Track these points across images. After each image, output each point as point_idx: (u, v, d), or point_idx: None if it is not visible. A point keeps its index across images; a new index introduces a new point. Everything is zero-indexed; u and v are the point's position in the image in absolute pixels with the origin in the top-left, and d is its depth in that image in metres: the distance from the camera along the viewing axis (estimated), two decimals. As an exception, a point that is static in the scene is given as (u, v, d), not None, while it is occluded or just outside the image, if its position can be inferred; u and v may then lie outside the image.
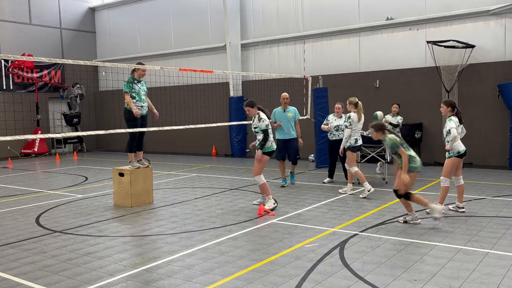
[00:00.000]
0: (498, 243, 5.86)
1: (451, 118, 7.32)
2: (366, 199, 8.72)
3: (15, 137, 7.06)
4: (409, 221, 6.93)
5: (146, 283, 4.84)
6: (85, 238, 6.61)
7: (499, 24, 12.74)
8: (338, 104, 10.57)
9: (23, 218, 7.93)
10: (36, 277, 5.09)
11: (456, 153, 7.34)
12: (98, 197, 9.77)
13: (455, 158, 7.36)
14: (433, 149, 13.38)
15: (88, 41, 22.04)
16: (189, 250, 5.88)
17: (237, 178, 11.96)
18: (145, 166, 8.99)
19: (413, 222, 6.90)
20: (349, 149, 9.37)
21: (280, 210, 8.03)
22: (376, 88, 14.56)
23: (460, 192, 7.64)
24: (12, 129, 16.92)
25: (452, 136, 7.17)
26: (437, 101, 13.31)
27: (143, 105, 8.64)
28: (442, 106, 7.49)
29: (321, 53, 15.78)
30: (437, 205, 6.94)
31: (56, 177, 12.93)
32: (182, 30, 19.17)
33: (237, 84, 17.41)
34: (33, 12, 19.95)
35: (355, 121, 9.34)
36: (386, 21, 14.35)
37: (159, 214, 8.03)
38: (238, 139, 17.19)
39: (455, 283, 4.62)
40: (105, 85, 21.39)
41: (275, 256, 5.56)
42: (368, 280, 4.73)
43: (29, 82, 19.54)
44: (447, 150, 7.37)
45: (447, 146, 7.31)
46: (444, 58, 13.06)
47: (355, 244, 5.94)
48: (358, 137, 9.46)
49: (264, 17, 17.02)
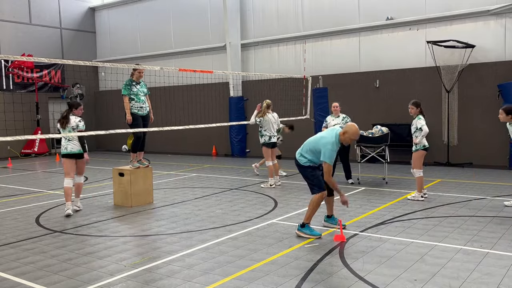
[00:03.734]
0: (498, 243, 5.86)
1: (420, 117, 8.44)
2: (366, 199, 8.72)
3: (15, 137, 7.07)
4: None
5: (146, 283, 4.84)
6: (85, 238, 6.61)
7: (499, 24, 12.74)
8: (336, 102, 10.60)
9: (23, 218, 7.93)
10: (36, 277, 5.09)
11: (422, 147, 8.44)
12: (98, 197, 9.77)
13: (422, 150, 8.45)
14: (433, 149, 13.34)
15: (88, 41, 22.04)
16: (189, 250, 5.88)
17: (237, 178, 11.96)
18: (145, 166, 9.00)
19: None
20: (264, 146, 10.39)
21: (280, 210, 8.03)
22: (376, 88, 14.56)
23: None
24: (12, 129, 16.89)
25: (425, 132, 8.27)
26: (437, 101, 13.37)
27: (143, 106, 8.64)
28: (411, 108, 8.54)
29: (321, 53, 15.78)
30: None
31: (56, 177, 12.93)
32: (182, 30, 19.17)
33: (237, 84, 17.41)
34: (33, 12, 19.95)
35: (266, 120, 10.41)
36: (386, 21, 14.36)
37: (159, 214, 8.03)
38: (238, 139, 17.20)
39: (455, 283, 4.62)
40: (105, 85, 21.39)
41: (275, 256, 5.56)
42: (368, 280, 4.73)
43: (29, 82, 19.55)
44: (415, 144, 8.44)
45: (416, 140, 8.38)
46: (444, 58, 13.06)
47: (355, 244, 5.94)
48: (272, 134, 10.43)
49: (264, 17, 17.02)
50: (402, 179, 10.91)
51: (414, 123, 8.49)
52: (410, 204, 8.23)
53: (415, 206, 8.06)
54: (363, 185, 10.26)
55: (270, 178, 10.38)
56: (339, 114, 10.52)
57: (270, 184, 10.32)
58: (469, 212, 7.52)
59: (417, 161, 8.47)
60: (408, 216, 7.35)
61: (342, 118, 10.44)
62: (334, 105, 10.56)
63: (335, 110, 10.54)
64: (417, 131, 8.39)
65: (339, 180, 10.80)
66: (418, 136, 8.36)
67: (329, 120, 10.55)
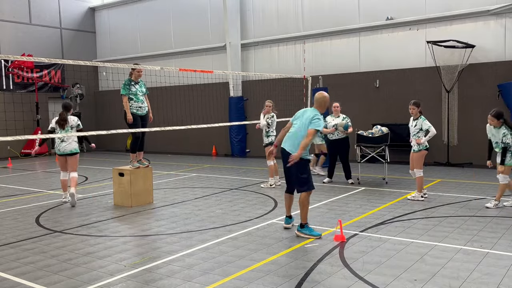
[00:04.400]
0: (498, 243, 5.86)
1: (424, 118, 8.43)
2: (366, 199, 8.72)
3: (15, 137, 7.07)
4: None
5: (146, 283, 4.84)
6: (85, 238, 6.61)
7: (499, 24, 12.74)
8: (336, 102, 10.60)
9: (23, 218, 7.93)
10: (36, 277, 5.09)
11: (425, 147, 8.46)
12: (98, 197, 9.78)
13: (424, 151, 8.47)
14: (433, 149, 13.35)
15: (88, 41, 22.04)
16: (189, 250, 5.88)
17: (237, 178, 11.96)
18: (145, 166, 9.00)
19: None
20: (269, 145, 10.27)
21: (280, 210, 8.03)
22: (376, 88, 14.56)
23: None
24: (12, 129, 16.92)
25: (432, 133, 8.28)
26: (437, 101, 13.37)
27: (142, 106, 8.64)
28: (413, 108, 8.47)
29: (321, 53, 15.78)
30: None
31: (56, 177, 12.92)
32: (182, 30, 19.17)
33: (237, 84, 17.41)
34: (33, 12, 19.96)
35: (274, 119, 10.49)
36: (386, 21, 14.36)
37: (159, 214, 8.03)
38: (238, 139, 17.20)
39: (455, 283, 4.62)
40: (105, 85, 21.40)
41: (275, 256, 5.56)
42: (368, 280, 4.73)
43: (29, 82, 19.55)
44: (418, 144, 8.39)
45: (421, 140, 8.33)
46: (444, 58, 13.06)
47: (355, 244, 5.94)
48: (276, 134, 10.22)
49: (264, 17, 17.02)
50: (402, 179, 10.91)
51: (416, 124, 8.44)
52: (410, 204, 8.23)
53: (415, 206, 8.06)
54: (363, 185, 10.27)
55: (270, 178, 10.39)
56: (339, 114, 10.54)
57: (270, 184, 10.33)
58: (469, 212, 7.52)
59: (419, 161, 8.47)
60: (408, 216, 7.35)
61: (342, 118, 10.45)
62: (335, 105, 10.57)
63: (335, 110, 10.55)
64: (420, 131, 8.37)
65: (339, 180, 10.82)
66: (421, 137, 8.35)
67: (329, 120, 10.55)
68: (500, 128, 7.63)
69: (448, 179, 10.83)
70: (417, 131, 8.41)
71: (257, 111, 16.47)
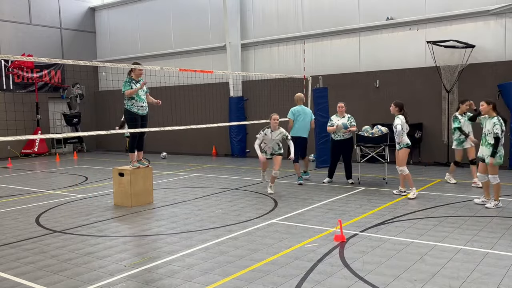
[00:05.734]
0: (498, 243, 5.86)
1: (398, 116, 8.83)
2: (366, 199, 8.72)
3: (15, 137, 7.07)
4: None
5: (146, 283, 4.84)
6: (85, 238, 6.61)
7: (499, 24, 12.74)
8: (341, 103, 10.58)
9: (23, 218, 7.93)
10: (36, 277, 5.10)
11: (405, 145, 8.83)
12: (98, 197, 9.78)
13: (405, 148, 8.84)
14: (433, 149, 13.39)
15: (88, 41, 22.04)
16: (189, 250, 5.88)
17: (237, 178, 11.96)
18: (145, 166, 8.99)
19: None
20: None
21: (280, 210, 8.03)
22: (376, 88, 14.56)
23: (403, 179, 9.06)
24: (13, 129, 16.92)
25: (398, 132, 8.71)
26: (437, 101, 13.37)
27: (143, 105, 8.63)
28: (394, 106, 8.91)
29: (321, 53, 15.78)
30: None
31: (56, 177, 12.94)
32: (182, 30, 19.17)
33: (237, 84, 17.41)
34: (33, 12, 19.95)
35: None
36: (386, 21, 14.35)
37: (159, 214, 8.03)
38: (238, 139, 17.20)
39: (455, 283, 4.62)
40: (105, 85, 21.38)
41: (275, 256, 5.56)
42: (368, 280, 4.73)
43: (29, 82, 19.54)
44: (398, 143, 8.84)
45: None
46: (444, 58, 13.06)
47: (355, 244, 5.94)
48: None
49: (264, 17, 17.02)
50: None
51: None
52: (410, 204, 8.23)
53: (415, 206, 8.06)
54: (363, 185, 10.27)
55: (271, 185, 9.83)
56: (344, 114, 10.52)
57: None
58: (469, 212, 7.52)
59: (401, 158, 8.88)
60: (408, 216, 7.36)
61: (348, 118, 10.45)
62: (340, 105, 10.55)
63: (340, 111, 10.53)
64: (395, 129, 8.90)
65: (340, 180, 10.82)
66: (399, 136, 8.86)
67: (334, 120, 10.53)
68: (491, 119, 7.69)
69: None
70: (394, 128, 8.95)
71: (257, 111, 16.56)
